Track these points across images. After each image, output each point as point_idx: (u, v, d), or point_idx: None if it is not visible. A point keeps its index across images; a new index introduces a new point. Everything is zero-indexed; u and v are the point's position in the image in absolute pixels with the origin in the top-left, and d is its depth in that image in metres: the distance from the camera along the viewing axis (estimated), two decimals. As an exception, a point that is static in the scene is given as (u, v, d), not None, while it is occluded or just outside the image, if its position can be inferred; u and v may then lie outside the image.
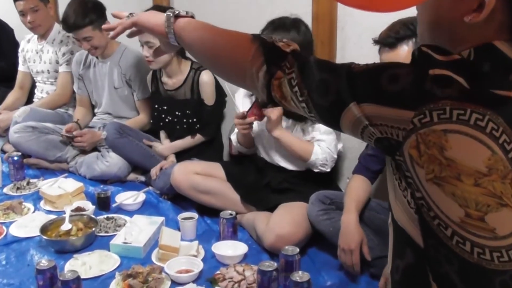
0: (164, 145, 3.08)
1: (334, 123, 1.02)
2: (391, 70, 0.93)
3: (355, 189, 2.19)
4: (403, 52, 1.84)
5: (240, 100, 2.62)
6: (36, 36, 3.76)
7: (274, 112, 2.34)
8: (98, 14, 3.17)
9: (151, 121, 3.18)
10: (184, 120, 2.97)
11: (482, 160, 0.87)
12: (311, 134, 2.40)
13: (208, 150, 3.05)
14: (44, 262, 1.94)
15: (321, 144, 2.38)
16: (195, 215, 2.47)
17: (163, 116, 3.06)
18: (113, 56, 3.33)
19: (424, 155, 0.90)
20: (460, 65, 0.90)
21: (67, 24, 3.15)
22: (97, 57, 3.38)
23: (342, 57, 2.65)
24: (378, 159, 2.21)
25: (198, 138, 3.00)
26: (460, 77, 0.88)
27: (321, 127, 2.38)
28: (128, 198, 2.75)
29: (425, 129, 0.89)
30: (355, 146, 2.61)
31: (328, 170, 2.43)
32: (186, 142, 3.01)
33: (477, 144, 0.87)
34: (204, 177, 2.59)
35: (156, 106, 3.09)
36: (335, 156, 2.43)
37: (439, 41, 0.97)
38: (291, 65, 1.06)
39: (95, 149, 3.28)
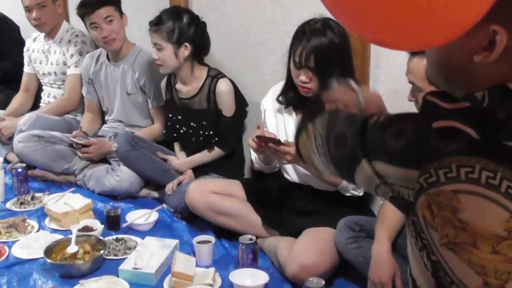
0: (181, 159, 3.12)
1: (350, 179, 1.05)
2: (397, 125, 0.94)
3: (388, 215, 2.19)
4: (418, 64, 1.92)
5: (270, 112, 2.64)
6: (43, 34, 3.85)
7: (287, 156, 2.32)
8: None
9: (164, 131, 3.23)
10: (200, 132, 3.01)
11: (499, 222, 0.85)
12: None
13: (228, 164, 3.09)
14: (48, 289, 2.00)
15: None
16: (211, 238, 2.51)
17: (177, 126, 3.10)
18: (126, 58, 3.40)
19: (437, 217, 0.89)
20: (469, 113, 0.88)
21: (90, 1, 3.23)
22: (108, 59, 3.45)
23: (376, 65, 2.66)
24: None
25: (217, 152, 3.03)
26: (469, 127, 0.86)
27: None
28: (140, 217, 2.80)
29: (433, 189, 0.88)
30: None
31: (361, 194, 2.44)
32: (204, 156, 3.06)
33: (492, 205, 0.85)
34: (222, 196, 2.62)
35: (170, 115, 3.14)
36: None
37: (452, 83, 0.97)
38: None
39: (105, 161, 3.34)
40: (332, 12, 0.92)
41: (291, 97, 2.54)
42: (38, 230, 2.76)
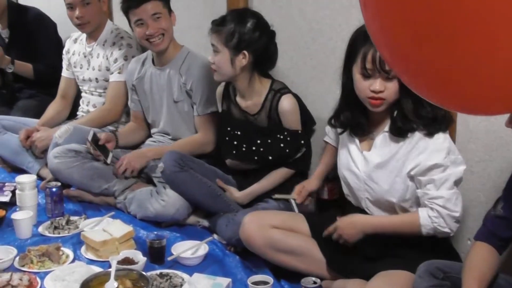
0: (244, 191, 3.16)
1: None
2: None
3: (478, 262, 2.16)
4: None
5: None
6: (84, 35, 3.96)
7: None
8: None
9: (222, 148, 3.27)
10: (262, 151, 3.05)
11: None
12: (424, 186, 2.38)
13: (289, 189, 3.10)
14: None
15: (435, 204, 2.36)
16: (269, 279, 2.53)
17: (235, 143, 3.13)
18: (173, 62, 3.46)
19: None
20: None
21: None
22: (153, 63, 3.53)
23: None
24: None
25: (280, 174, 3.08)
26: None
27: (442, 176, 2.34)
28: (187, 249, 2.84)
29: None
30: (480, 199, 2.59)
31: (451, 233, 2.41)
32: (266, 184, 3.10)
33: None
34: (284, 232, 2.62)
35: (229, 129, 3.17)
36: (457, 215, 2.38)
37: None
38: None
39: (149, 181, 3.41)
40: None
41: (346, 118, 2.55)
42: (73, 260, 2.83)
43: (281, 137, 3.01)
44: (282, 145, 3.01)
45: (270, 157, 3.04)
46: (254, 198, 3.13)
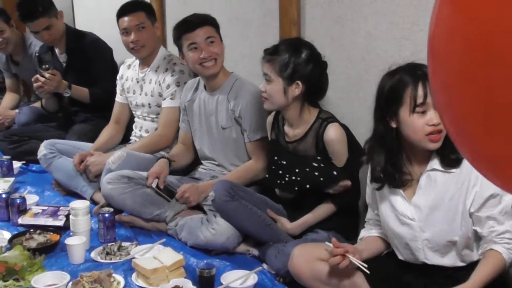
0: (295, 222, 3.16)
1: None
2: None
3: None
4: None
5: None
6: (138, 62, 4.06)
7: None
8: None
9: (267, 176, 3.31)
10: (306, 182, 3.06)
11: None
12: (485, 222, 2.35)
13: (338, 220, 3.12)
14: None
15: (506, 238, 2.31)
16: (317, 312, 2.54)
17: (280, 172, 3.17)
18: (222, 88, 3.53)
19: None
20: None
21: (191, 19, 3.44)
22: (205, 88, 3.60)
23: None
24: None
25: (329, 208, 3.09)
26: None
27: (500, 209, 2.30)
28: (237, 279, 2.87)
29: None
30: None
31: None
32: (317, 216, 3.11)
33: None
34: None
35: (276, 158, 3.21)
36: None
37: None
38: None
39: (198, 208, 3.46)
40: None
41: (387, 172, 2.49)
42: (124, 287, 2.89)
43: (316, 165, 3.02)
44: (316, 173, 3.02)
45: (308, 186, 3.06)
46: (305, 229, 3.14)
